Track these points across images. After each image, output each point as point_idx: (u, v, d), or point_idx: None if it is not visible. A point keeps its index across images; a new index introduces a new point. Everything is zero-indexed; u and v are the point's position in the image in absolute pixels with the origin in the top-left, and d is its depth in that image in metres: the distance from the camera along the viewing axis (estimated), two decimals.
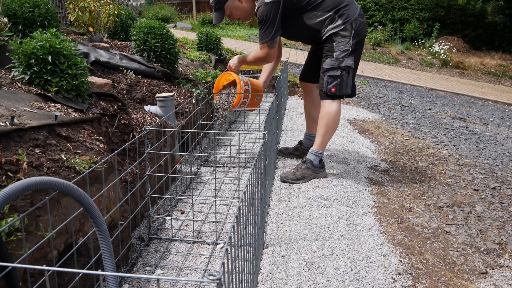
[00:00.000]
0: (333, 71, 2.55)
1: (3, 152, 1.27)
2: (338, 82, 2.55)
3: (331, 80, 2.56)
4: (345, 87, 2.57)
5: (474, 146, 3.93)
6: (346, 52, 2.51)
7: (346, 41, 2.51)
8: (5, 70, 2.07)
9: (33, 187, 0.89)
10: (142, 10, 13.15)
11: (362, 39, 2.58)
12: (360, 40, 2.56)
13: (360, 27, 2.53)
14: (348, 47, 2.51)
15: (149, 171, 1.85)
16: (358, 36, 2.53)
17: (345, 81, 2.55)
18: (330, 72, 2.55)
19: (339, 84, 2.55)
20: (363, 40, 2.59)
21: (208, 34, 5.05)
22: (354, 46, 2.52)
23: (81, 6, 3.86)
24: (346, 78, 2.55)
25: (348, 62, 2.53)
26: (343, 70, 2.53)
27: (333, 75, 2.55)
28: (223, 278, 0.77)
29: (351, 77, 2.57)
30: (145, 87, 3.01)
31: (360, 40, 2.56)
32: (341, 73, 2.54)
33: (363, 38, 2.60)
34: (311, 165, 2.65)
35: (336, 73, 2.54)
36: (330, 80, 2.56)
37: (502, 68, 11.44)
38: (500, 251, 1.97)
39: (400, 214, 2.29)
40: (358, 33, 2.52)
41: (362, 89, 6.49)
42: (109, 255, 1.09)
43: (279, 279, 1.62)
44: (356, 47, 2.54)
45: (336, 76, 2.54)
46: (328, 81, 2.56)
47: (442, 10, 14.72)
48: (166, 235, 1.97)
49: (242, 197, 1.14)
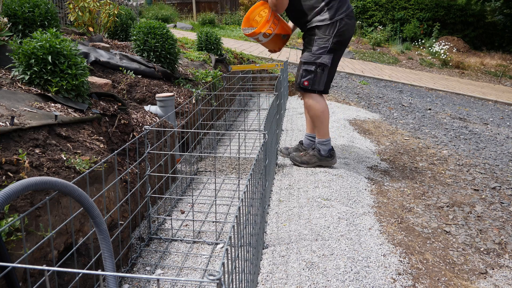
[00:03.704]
0: (308, 66, 2.63)
1: (3, 152, 1.27)
2: (312, 77, 2.64)
3: (305, 74, 2.66)
4: (317, 83, 2.65)
5: (474, 146, 3.93)
6: (324, 49, 2.58)
7: (326, 38, 2.57)
8: (5, 70, 2.07)
9: (33, 187, 0.89)
10: (142, 10, 13.16)
11: (344, 40, 2.61)
12: (342, 40, 2.60)
13: (344, 27, 2.56)
14: (327, 45, 2.57)
15: (149, 171, 1.85)
16: (340, 36, 2.57)
17: (319, 77, 2.64)
18: (306, 66, 2.65)
19: (312, 79, 2.65)
20: (346, 41, 2.63)
21: (208, 34, 5.05)
22: (334, 45, 2.58)
23: (81, 6, 3.86)
24: (320, 74, 2.63)
25: (324, 60, 2.59)
26: (318, 67, 2.61)
27: (307, 70, 2.64)
28: (223, 278, 0.77)
29: (325, 74, 2.64)
30: (145, 87, 3.01)
31: (342, 41, 2.59)
32: (316, 69, 2.62)
33: (346, 39, 2.64)
34: (318, 153, 2.79)
35: (310, 68, 2.63)
36: (304, 73, 2.66)
37: (502, 68, 11.44)
38: (500, 251, 1.97)
39: (400, 214, 2.29)
40: (341, 33, 2.56)
41: (362, 89, 6.49)
42: (109, 255, 1.09)
43: (279, 279, 1.62)
44: (336, 46, 2.59)
45: (311, 71, 2.63)
46: (302, 74, 2.67)
47: (442, 10, 14.71)
48: (166, 235, 1.97)
49: (242, 197, 1.14)
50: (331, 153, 2.80)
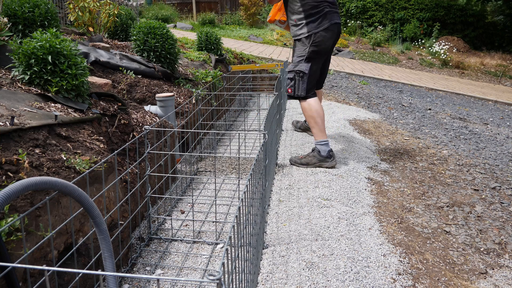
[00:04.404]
0: (290, 74, 2.84)
1: (3, 152, 1.27)
2: (293, 84, 2.84)
3: (288, 82, 2.87)
4: (298, 90, 2.83)
5: (474, 146, 3.93)
6: (301, 58, 2.79)
7: (303, 48, 2.78)
8: (5, 70, 2.07)
9: (33, 187, 0.89)
10: (142, 10, 13.16)
11: (321, 49, 2.79)
12: (319, 50, 2.78)
13: (319, 39, 2.74)
14: (304, 54, 2.78)
15: (149, 171, 1.85)
16: (316, 46, 2.76)
17: (298, 84, 2.82)
18: (288, 75, 2.86)
19: (293, 86, 2.84)
20: (322, 51, 2.81)
21: (208, 34, 5.05)
22: (310, 54, 2.77)
23: (81, 6, 3.86)
24: (299, 81, 2.81)
25: (301, 67, 2.78)
26: (297, 74, 2.80)
27: (289, 77, 2.85)
28: (223, 278, 0.77)
29: (305, 81, 2.80)
30: (145, 87, 3.01)
31: (318, 50, 2.78)
32: (295, 76, 2.81)
33: (324, 49, 2.81)
34: (317, 154, 2.87)
35: (291, 76, 2.84)
36: (288, 82, 2.87)
37: (502, 68, 11.43)
38: (500, 251, 1.97)
39: (400, 214, 2.29)
40: (316, 44, 2.75)
41: (362, 89, 6.49)
42: (109, 255, 1.09)
43: (279, 279, 1.62)
44: (312, 55, 2.78)
45: (291, 79, 2.84)
46: (287, 83, 2.89)
47: (442, 10, 14.71)
48: (166, 235, 1.97)
49: (242, 197, 1.14)
50: (330, 154, 2.88)
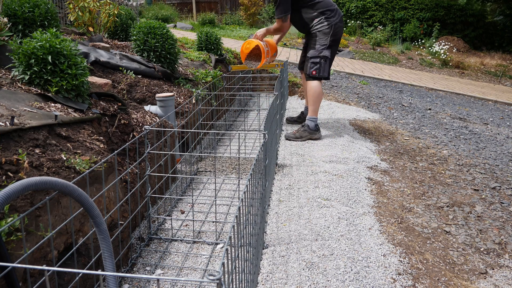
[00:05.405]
0: (314, 59, 3.49)
1: (3, 152, 1.27)
2: (318, 67, 3.49)
3: (312, 66, 3.51)
4: (323, 71, 3.51)
5: (474, 146, 3.93)
6: (324, 46, 3.47)
7: (325, 38, 3.46)
8: (5, 70, 2.07)
9: (33, 187, 0.89)
10: (142, 10, 13.16)
11: (338, 38, 3.53)
12: (336, 39, 3.51)
13: (337, 29, 3.47)
14: (326, 43, 3.46)
15: (149, 171, 1.85)
16: (335, 36, 3.48)
17: (323, 67, 3.50)
18: (312, 60, 3.50)
19: (318, 69, 3.50)
20: (339, 39, 3.55)
21: (208, 34, 5.05)
22: (331, 42, 3.48)
23: (81, 6, 3.85)
24: (324, 64, 3.49)
25: (325, 53, 3.48)
26: (322, 59, 3.48)
27: (314, 62, 3.49)
28: (223, 278, 0.77)
29: (327, 64, 3.52)
30: (145, 87, 3.01)
31: (336, 39, 3.51)
32: (320, 60, 3.48)
33: (339, 38, 3.54)
34: (307, 128, 3.55)
35: (316, 60, 3.49)
36: (312, 65, 3.51)
37: (502, 68, 11.42)
38: (500, 251, 1.97)
39: (400, 214, 2.29)
40: (335, 34, 3.47)
41: (362, 89, 6.49)
42: (109, 255, 1.09)
43: (279, 279, 1.62)
44: (332, 43, 3.49)
45: (316, 63, 3.49)
46: (310, 66, 3.52)
47: (442, 10, 14.70)
48: (166, 235, 1.97)
49: (242, 197, 1.14)
50: (317, 127, 3.56)
